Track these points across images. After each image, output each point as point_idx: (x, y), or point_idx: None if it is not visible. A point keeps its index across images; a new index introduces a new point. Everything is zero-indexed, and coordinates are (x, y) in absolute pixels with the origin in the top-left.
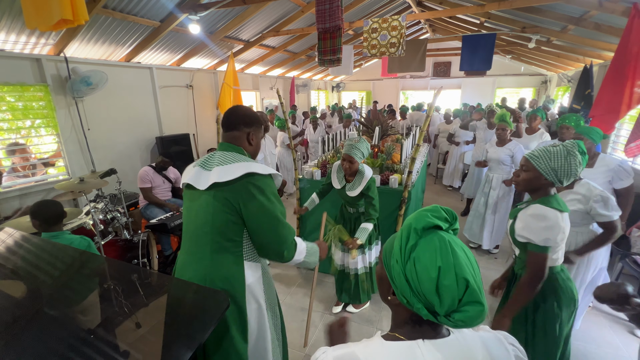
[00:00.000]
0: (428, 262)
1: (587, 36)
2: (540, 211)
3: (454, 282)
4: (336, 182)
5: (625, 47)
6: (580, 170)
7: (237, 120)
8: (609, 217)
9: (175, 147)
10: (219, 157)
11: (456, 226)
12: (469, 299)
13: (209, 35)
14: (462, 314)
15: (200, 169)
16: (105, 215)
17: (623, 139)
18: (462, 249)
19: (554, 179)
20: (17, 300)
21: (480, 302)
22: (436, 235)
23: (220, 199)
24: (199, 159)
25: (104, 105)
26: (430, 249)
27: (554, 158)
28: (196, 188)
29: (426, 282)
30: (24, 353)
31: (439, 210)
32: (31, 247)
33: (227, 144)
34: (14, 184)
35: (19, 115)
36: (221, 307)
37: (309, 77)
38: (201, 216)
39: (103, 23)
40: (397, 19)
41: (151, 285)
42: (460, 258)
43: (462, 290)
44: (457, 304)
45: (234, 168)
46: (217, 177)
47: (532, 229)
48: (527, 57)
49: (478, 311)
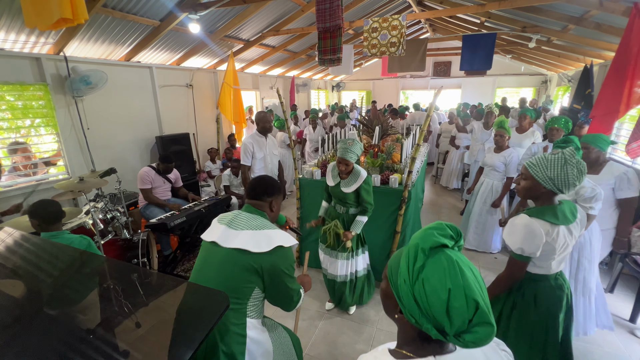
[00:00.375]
0: (437, 284)
1: (588, 36)
2: (524, 222)
3: (464, 303)
4: (330, 180)
5: (626, 47)
6: (581, 179)
7: (261, 191)
8: (588, 210)
9: (175, 146)
10: (245, 219)
11: (461, 243)
12: (478, 320)
13: (209, 34)
14: (472, 335)
15: (227, 227)
16: (105, 215)
17: (623, 139)
18: (470, 267)
19: (553, 188)
20: (17, 299)
21: (490, 322)
22: (443, 254)
23: (243, 261)
24: (224, 216)
25: (103, 104)
26: (439, 270)
27: (551, 167)
28: (218, 244)
29: (436, 303)
30: (24, 353)
31: (444, 228)
32: (31, 246)
33: (252, 208)
34: (14, 183)
35: (18, 114)
36: (221, 306)
37: (309, 76)
38: (217, 270)
39: (103, 22)
40: (397, 18)
41: (151, 284)
42: (469, 278)
43: (472, 311)
44: (467, 325)
45: (264, 237)
46: (247, 244)
47: (511, 237)
48: (528, 57)
49: (488, 332)
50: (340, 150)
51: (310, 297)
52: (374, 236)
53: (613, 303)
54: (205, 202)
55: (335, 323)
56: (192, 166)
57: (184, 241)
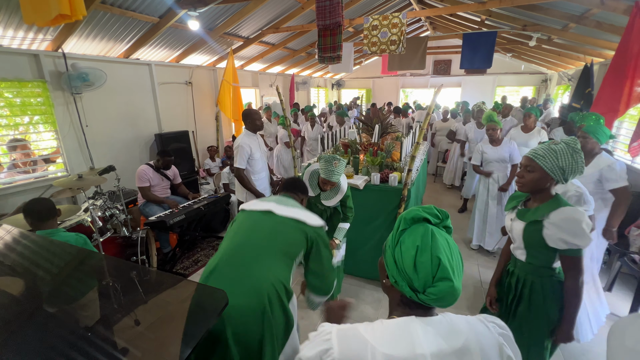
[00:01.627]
0: (410, 243)
1: (588, 34)
2: (577, 214)
3: (429, 259)
4: (309, 191)
5: (626, 45)
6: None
7: (298, 189)
8: (622, 181)
9: (174, 144)
10: (292, 201)
11: (447, 224)
12: (441, 275)
13: (209, 31)
14: (435, 289)
15: (277, 204)
16: (103, 212)
17: (622, 138)
18: (446, 239)
19: (560, 178)
20: (16, 297)
21: (450, 279)
22: (422, 225)
23: (297, 227)
24: (268, 197)
25: (102, 101)
26: (414, 234)
27: (561, 157)
28: (274, 212)
29: (407, 259)
30: (23, 350)
31: (431, 208)
32: (29, 244)
33: (291, 197)
34: (13, 180)
35: (16, 111)
36: (220, 304)
37: (309, 74)
38: (270, 232)
39: (101, 19)
40: (397, 16)
41: (150, 282)
42: (439, 242)
43: (435, 266)
44: (431, 280)
45: (311, 215)
46: (301, 216)
47: (577, 234)
48: (528, 56)
49: (448, 286)
50: (324, 172)
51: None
52: (372, 235)
53: (611, 302)
54: (204, 199)
55: None
56: (192, 164)
57: (183, 239)
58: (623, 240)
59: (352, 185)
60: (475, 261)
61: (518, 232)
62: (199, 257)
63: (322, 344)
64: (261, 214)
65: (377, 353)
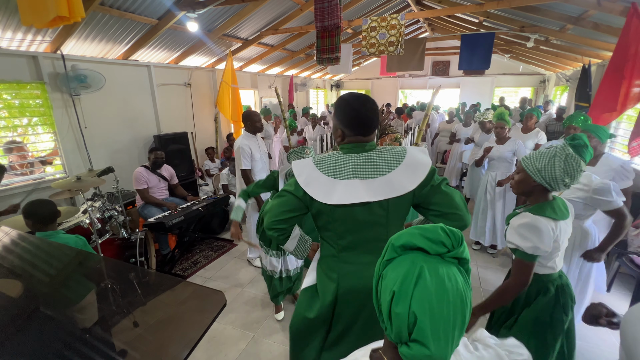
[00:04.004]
0: (389, 284)
1: (586, 36)
2: (531, 220)
3: (406, 312)
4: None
5: (623, 46)
6: (572, 174)
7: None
8: (615, 204)
9: (173, 145)
10: (379, 158)
11: (458, 253)
12: (416, 336)
13: (207, 33)
14: (407, 350)
15: (359, 180)
16: (102, 214)
17: (621, 139)
18: (442, 282)
19: (542, 181)
20: (14, 299)
21: (426, 345)
22: (412, 257)
23: (411, 193)
24: (347, 170)
25: (101, 103)
26: (396, 271)
27: (540, 158)
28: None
29: (383, 302)
30: (22, 352)
31: (434, 232)
32: (28, 245)
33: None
34: (11, 182)
35: (15, 113)
36: (218, 305)
37: (308, 75)
38: (392, 211)
39: (100, 20)
40: (396, 17)
41: (149, 284)
42: (426, 289)
43: (411, 324)
44: (407, 337)
45: (413, 165)
46: (411, 183)
47: (521, 237)
48: (526, 57)
49: (422, 354)
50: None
51: None
52: None
53: (610, 302)
54: (203, 201)
55: None
56: (191, 165)
57: (182, 240)
58: (621, 241)
59: None
60: (475, 262)
61: (505, 231)
62: (197, 258)
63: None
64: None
65: None
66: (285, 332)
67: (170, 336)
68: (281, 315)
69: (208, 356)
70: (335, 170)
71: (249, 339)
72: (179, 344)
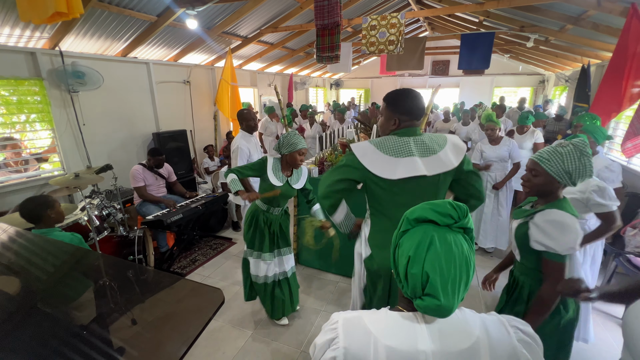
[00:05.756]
0: (405, 250)
1: (585, 36)
2: (561, 218)
3: (420, 272)
4: (275, 180)
5: (623, 47)
6: (590, 172)
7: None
8: (607, 207)
9: (172, 143)
10: (429, 140)
11: (464, 224)
12: (429, 291)
13: (207, 30)
14: (421, 302)
15: (419, 157)
16: (100, 211)
17: (619, 139)
18: (450, 247)
19: (567, 182)
20: (11, 296)
21: (436, 297)
22: (424, 228)
23: (453, 170)
24: (407, 150)
25: (100, 100)
26: (411, 239)
27: (568, 160)
28: (427, 175)
29: (400, 266)
30: (19, 349)
31: (444, 205)
32: (25, 242)
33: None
34: (8, 179)
35: (13, 109)
36: (216, 303)
37: (308, 74)
38: (438, 189)
39: (99, 17)
40: (396, 16)
41: (147, 281)
42: (436, 253)
43: (424, 281)
44: (421, 292)
45: (454, 146)
46: (454, 160)
47: (554, 237)
48: (525, 57)
49: (434, 304)
50: (292, 144)
51: (306, 294)
52: None
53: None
54: (202, 199)
55: None
56: (189, 163)
57: (180, 238)
58: (619, 241)
59: None
60: None
61: (512, 231)
62: (196, 256)
63: (329, 333)
64: (414, 182)
65: (379, 344)
66: (283, 329)
67: (168, 334)
68: (285, 320)
69: (206, 354)
70: (396, 150)
71: (247, 337)
72: (177, 341)
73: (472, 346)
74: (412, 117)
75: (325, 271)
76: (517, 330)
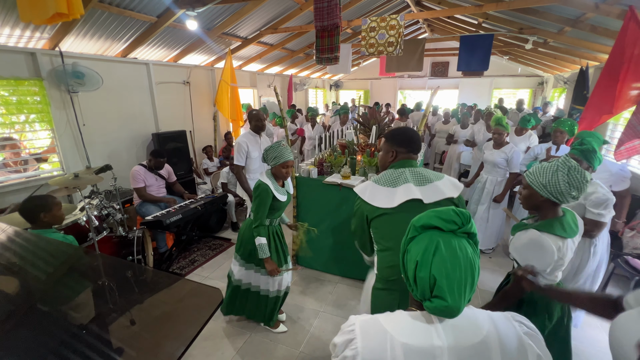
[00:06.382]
0: (413, 256)
1: (584, 38)
2: (535, 238)
3: (427, 276)
4: (280, 196)
5: (620, 49)
6: (578, 186)
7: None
8: (596, 217)
9: (172, 143)
10: (426, 172)
11: (468, 229)
12: (436, 293)
13: (207, 31)
14: (430, 304)
15: (414, 185)
16: (100, 212)
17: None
18: (455, 251)
19: (550, 196)
20: (10, 295)
21: (443, 298)
22: (430, 234)
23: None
24: (402, 178)
25: (99, 101)
26: (418, 245)
27: (543, 173)
28: (423, 202)
29: (409, 271)
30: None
31: (448, 212)
32: (24, 242)
33: (423, 168)
34: (7, 179)
35: (12, 109)
36: (214, 303)
37: (307, 75)
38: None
39: (99, 18)
40: (395, 18)
41: (146, 282)
42: (441, 257)
43: (432, 284)
44: (429, 294)
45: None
46: (447, 192)
47: (522, 255)
48: (524, 59)
49: (442, 305)
50: (279, 156)
51: (305, 294)
52: None
53: None
54: (201, 199)
55: (330, 321)
56: (189, 164)
57: (179, 239)
58: (617, 242)
59: (349, 186)
60: None
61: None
62: (195, 257)
63: (347, 334)
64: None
65: (395, 342)
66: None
67: (167, 334)
68: (283, 327)
69: (205, 354)
70: (392, 181)
71: (245, 337)
72: (176, 341)
73: (484, 340)
74: (409, 149)
75: (324, 272)
76: (521, 324)
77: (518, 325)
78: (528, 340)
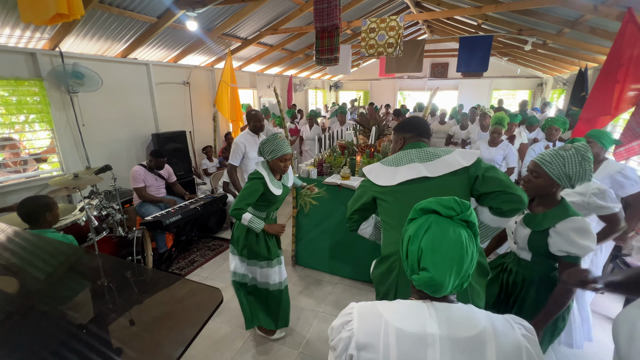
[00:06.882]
0: (409, 232)
1: (582, 39)
2: (583, 225)
3: (416, 249)
4: (276, 190)
5: (618, 50)
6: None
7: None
8: (610, 209)
9: (171, 144)
10: (434, 150)
11: (466, 217)
12: (423, 265)
13: (207, 32)
14: (417, 277)
15: (419, 162)
16: (99, 212)
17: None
18: (447, 232)
19: (567, 184)
20: (10, 295)
21: (428, 270)
22: (427, 217)
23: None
24: (407, 158)
25: (99, 101)
26: (414, 225)
27: (569, 164)
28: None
29: (404, 246)
30: (17, 350)
31: (447, 200)
32: (24, 242)
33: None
34: (7, 180)
35: (12, 110)
36: (214, 302)
37: (307, 75)
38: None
39: (99, 18)
40: (395, 19)
41: (145, 282)
42: (432, 234)
43: (419, 256)
44: (417, 268)
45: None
46: (461, 162)
47: (577, 244)
48: (524, 60)
49: (426, 276)
50: (276, 149)
51: (304, 295)
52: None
53: (603, 304)
54: (201, 200)
55: (330, 321)
56: (189, 164)
57: (179, 239)
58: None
59: (349, 186)
60: None
61: (523, 237)
62: (195, 257)
63: (345, 317)
64: (406, 185)
65: (389, 327)
66: (280, 332)
67: (166, 334)
68: (280, 333)
69: (204, 355)
70: (396, 161)
71: (245, 338)
72: (175, 341)
73: (479, 334)
74: (417, 133)
75: (324, 272)
76: (520, 326)
77: (517, 327)
78: (525, 343)
